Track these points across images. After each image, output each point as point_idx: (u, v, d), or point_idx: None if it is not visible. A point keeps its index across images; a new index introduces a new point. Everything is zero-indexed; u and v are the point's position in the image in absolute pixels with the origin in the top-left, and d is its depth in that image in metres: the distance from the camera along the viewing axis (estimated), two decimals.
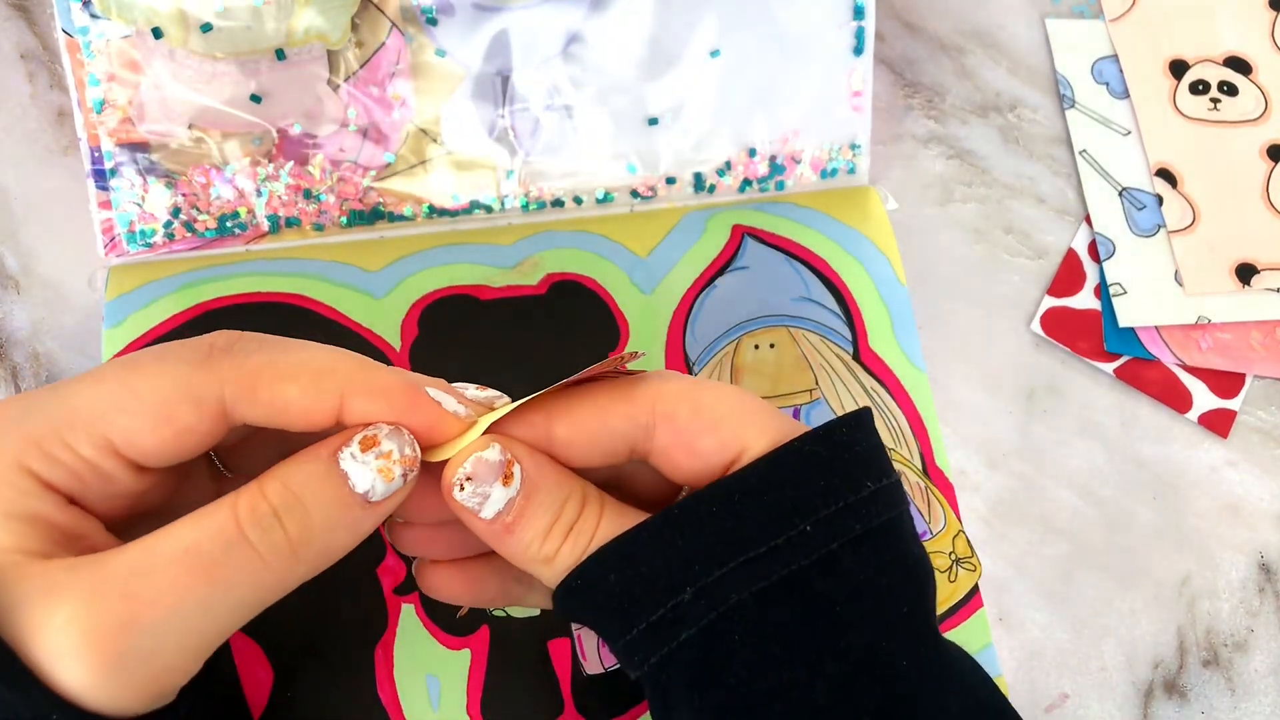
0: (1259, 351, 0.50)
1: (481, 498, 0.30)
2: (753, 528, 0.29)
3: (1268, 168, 0.53)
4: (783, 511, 0.29)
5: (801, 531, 0.29)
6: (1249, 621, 0.46)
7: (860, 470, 0.30)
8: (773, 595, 0.29)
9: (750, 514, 0.29)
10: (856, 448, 0.31)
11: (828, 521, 0.29)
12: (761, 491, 0.30)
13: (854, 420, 0.31)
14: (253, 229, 0.46)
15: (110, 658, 0.25)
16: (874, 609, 0.29)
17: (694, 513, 0.29)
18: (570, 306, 0.46)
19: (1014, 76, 0.55)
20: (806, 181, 0.50)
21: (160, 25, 0.43)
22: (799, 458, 0.30)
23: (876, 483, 0.30)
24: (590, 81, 0.47)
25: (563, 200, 0.48)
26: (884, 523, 0.30)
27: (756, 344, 0.46)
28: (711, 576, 0.29)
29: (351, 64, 0.46)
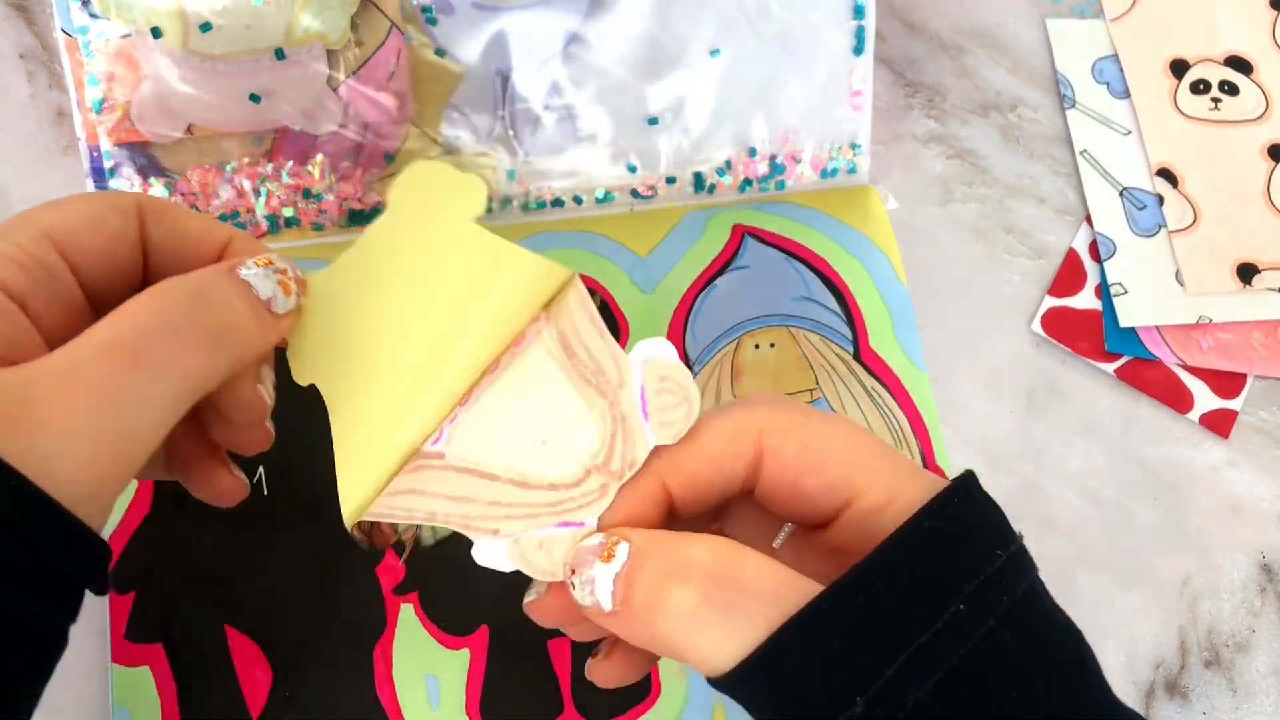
0: (1260, 351, 0.50)
1: (591, 585, 0.28)
2: (908, 615, 0.26)
3: (1269, 167, 0.53)
4: (931, 591, 0.27)
5: (955, 613, 0.26)
6: (1250, 622, 0.46)
7: (986, 539, 0.28)
8: (946, 691, 0.26)
9: (901, 600, 0.27)
10: (982, 510, 0.29)
11: (976, 598, 0.27)
12: (905, 572, 0.27)
13: (965, 486, 0.29)
14: (252, 229, 0.46)
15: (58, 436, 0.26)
16: (1047, 686, 0.27)
17: (844, 605, 0.26)
18: None
19: (1014, 76, 0.55)
20: (806, 181, 0.50)
21: (159, 25, 0.43)
22: (926, 532, 0.28)
23: (1006, 549, 0.28)
24: (590, 81, 0.47)
25: (563, 200, 0.48)
26: (1026, 591, 0.28)
27: (757, 343, 0.46)
28: (882, 678, 0.26)
29: (351, 63, 0.46)
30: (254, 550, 0.41)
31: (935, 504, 0.28)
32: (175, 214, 0.31)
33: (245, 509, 0.42)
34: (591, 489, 0.29)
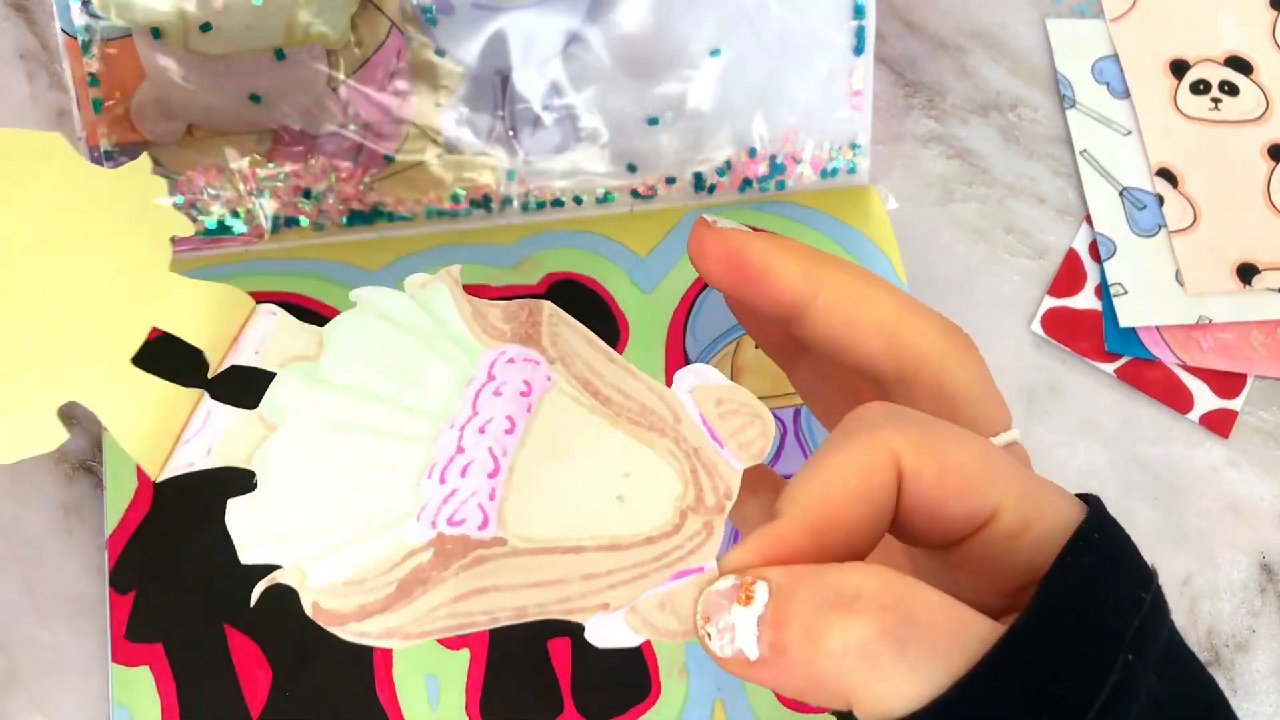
0: (1260, 352, 0.50)
1: (730, 634, 0.24)
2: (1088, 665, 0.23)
3: (1269, 167, 0.53)
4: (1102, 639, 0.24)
5: (1126, 663, 0.23)
6: (1250, 622, 0.46)
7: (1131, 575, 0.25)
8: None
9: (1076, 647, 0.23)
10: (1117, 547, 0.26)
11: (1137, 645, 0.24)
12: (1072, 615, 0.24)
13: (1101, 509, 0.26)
14: (252, 229, 0.46)
15: None
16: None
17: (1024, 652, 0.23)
18: (570, 306, 0.45)
19: (1014, 76, 0.55)
20: (806, 181, 0.50)
21: (160, 25, 0.43)
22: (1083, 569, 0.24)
23: (1147, 590, 0.25)
24: (590, 81, 0.47)
25: (563, 200, 0.48)
26: (1173, 641, 0.25)
27: (757, 343, 0.46)
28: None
29: (351, 63, 0.46)
30: None
31: (1081, 536, 0.25)
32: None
33: None
34: (696, 530, 0.26)
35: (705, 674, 0.41)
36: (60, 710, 0.40)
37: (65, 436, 0.28)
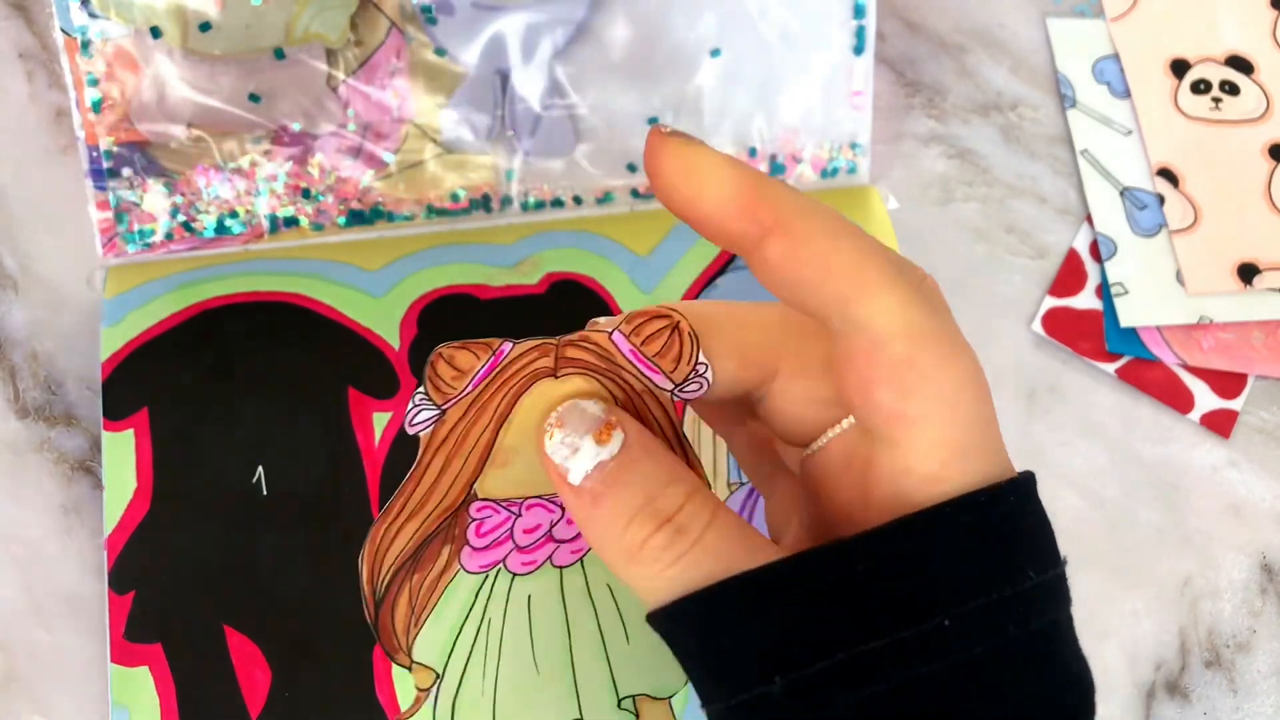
0: (1261, 351, 0.50)
1: (569, 450, 0.26)
2: (874, 612, 0.23)
3: (1269, 167, 0.53)
4: (917, 596, 0.23)
5: (938, 627, 0.23)
6: (1251, 622, 0.46)
7: (1025, 555, 0.24)
8: (882, 706, 0.23)
9: (875, 592, 0.23)
10: (1023, 523, 0.25)
11: (974, 617, 0.23)
12: (895, 564, 0.23)
13: (1021, 486, 0.25)
14: (251, 229, 0.46)
15: None
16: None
17: (806, 575, 0.24)
18: (570, 306, 0.46)
19: (1015, 76, 0.55)
20: (807, 181, 0.50)
21: (159, 24, 0.43)
22: (954, 527, 0.24)
23: (1041, 573, 0.24)
24: (590, 81, 0.47)
25: (563, 200, 0.48)
26: (1044, 626, 0.24)
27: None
28: (811, 669, 0.23)
29: (350, 63, 0.45)
30: (253, 550, 0.41)
31: (968, 502, 0.24)
32: None
33: (245, 509, 0.42)
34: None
35: None
36: (59, 710, 0.40)
37: None
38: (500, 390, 0.31)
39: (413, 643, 0.32)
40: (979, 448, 0.24)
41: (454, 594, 0.32)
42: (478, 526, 0.32)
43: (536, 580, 0.33)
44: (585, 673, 0.33)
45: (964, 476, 0.24)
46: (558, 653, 0.33)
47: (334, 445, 0.43)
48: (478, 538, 0.32)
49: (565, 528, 0.32)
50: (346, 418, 0.43)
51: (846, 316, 0.24)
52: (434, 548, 0.31)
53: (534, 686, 0.33)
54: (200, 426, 0.42)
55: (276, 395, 0.43)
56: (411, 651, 0.32)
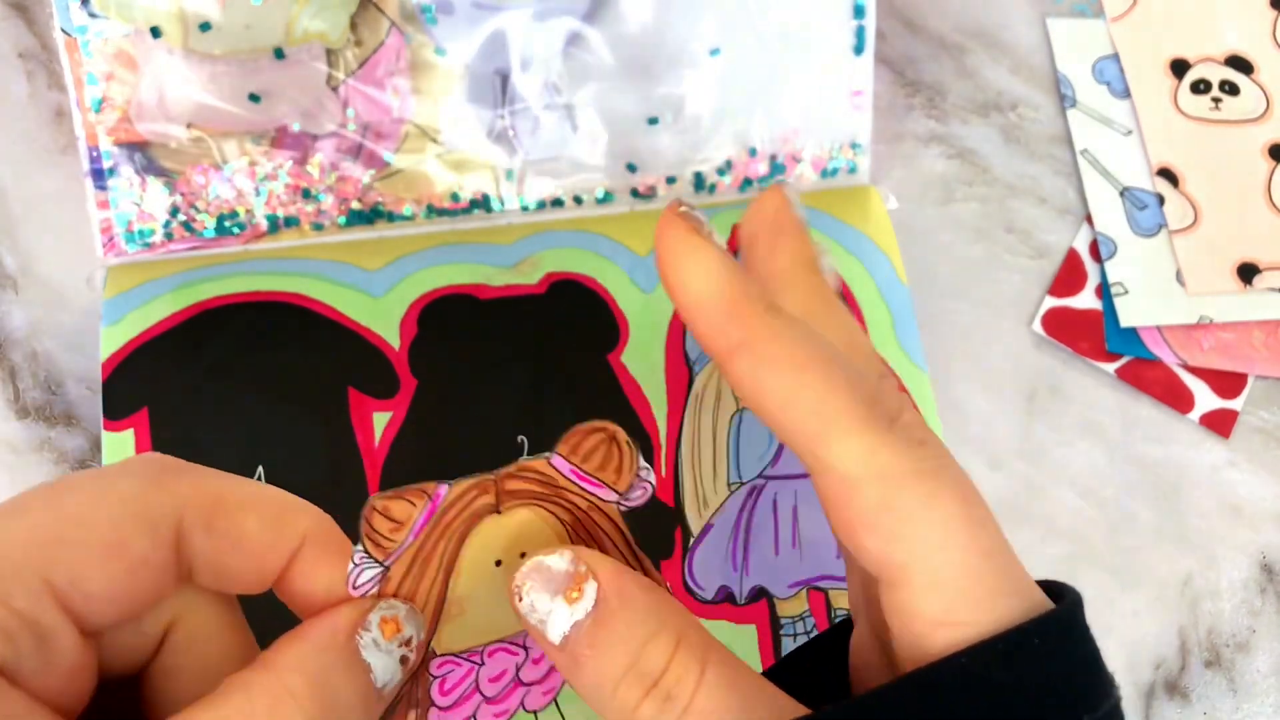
0: (1261, 351, 0.50)
1: (542, 615, 0.23)
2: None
3: (1269, 167, 0.53)
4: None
5: None
6: (1251, 622, 0.46)
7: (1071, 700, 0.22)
8: None
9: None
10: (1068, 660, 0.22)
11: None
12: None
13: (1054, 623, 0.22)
14: (251, 229, 0.46)
15: None
16: None
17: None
18: (570, 306, 0.46)
19: (1015, 76, 0.55)
20: (807, 181, 0.50)
21: (159, 24, 0.43)
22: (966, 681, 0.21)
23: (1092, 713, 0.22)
24: (590, 81, 0.47)
25: (562, 200, 0.48)
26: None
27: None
28: None
29: (350, 63, 0.45)
30: None
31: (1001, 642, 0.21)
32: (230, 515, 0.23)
33: None
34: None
35: None
36: None
37: None
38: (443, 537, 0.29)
39: None
40: (987, 588, 0.22)
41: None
42: (440, 684, 0.30)
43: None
44: None
45: (976, 620, 0.22)
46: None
47: (334, 445, 0.43)
48: (442, 696, 0.30)
49: (532, 668, 0.30)
50: (346, 418, 0.43)
51: (814, 455, 0.23)
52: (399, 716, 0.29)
53: None
54: (200, 426, 0.42)
55: (276, 395, 0.43)
56: None
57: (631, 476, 0.28)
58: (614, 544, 0.29)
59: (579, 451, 0.29)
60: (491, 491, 0.29)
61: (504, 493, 0.29)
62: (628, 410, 0.44)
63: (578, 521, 0.29)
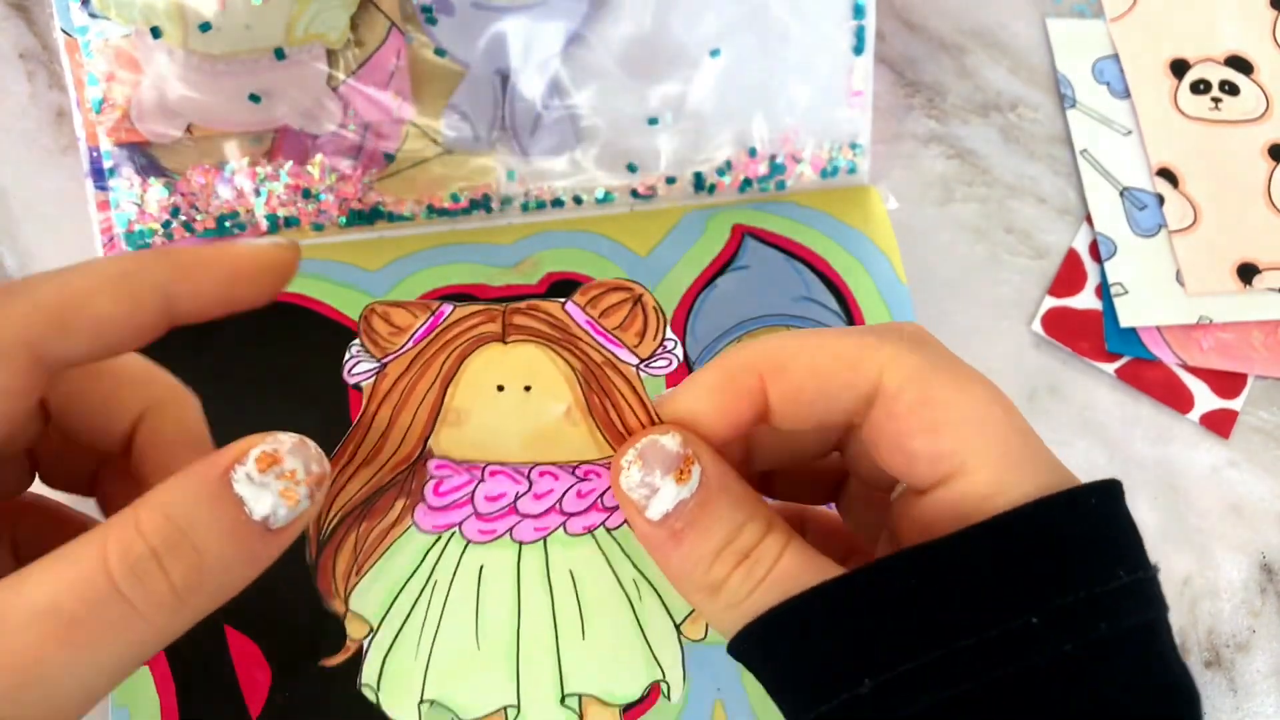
0: (1260, 351, 0.50)
1: (649, 490, 0.26)
2: (960, 613, 0.23)
3: (1269, 167, 0.53)
4: (1004, 596, 0.23)
5: (1026, 624, 0.23)
6: (1250, 622, 0.46)
7: (1114, 555, 0.24)
8: (973, 705, 0.23)
9: (960, 595, 0.23)
10: (1110, 525, 0.24)
11: (1063, 615, 0.23)
12: (979, 566, 0.23)
13: (1106, 490, 0.25)
14: (251, 229, 0.46)
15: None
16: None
17: (889, 582, 0.24)
18: None
19: (1015, 76, 0.55)
20: (807, 181, 0.50)
21: (159, 24, 0.43)
22: (1033, 527, 0.24)
23: (1132, 573, 0.24)
24: (590, 81, 0.47)
25: (562, 200, 0.48)
26: (1138, 625, 0.23)
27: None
28: (896, 670, 0.23)
29: (351, 63, 0.45)
30: None
31: (1045, 504, 0.24)
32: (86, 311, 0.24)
33: None
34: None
35: (705, 675, 0.41)
36: None
37: None
38: (443, 350, 0.31)
39: (350, 590, 0.31)
40: (1028, 458, 0.25)
41: (402, 549, 0.31)
42: (436, 485, 0.31)
43: (492, 551, 0.32)
44: (530, 660, 0.32)
45: (1023, 485, 0.24)
46: (503, 632, 0.32)
47: (334, 445, 0.43)
48: (435, 496, 0.31)
49: (532, 502, 0.31)
50: (346, 418, 0.43)
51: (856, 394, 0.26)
52: (387, 499, 0.30)
53: (472, 662, 0.32)
54: None
55: (276, 395, 0.43)
56: (348, 599, 0.31)
57: (655, 345, 0.30)
58: (629, 404, 0.30)
59: (597, 305, 0.31)
60: (498, 321, 0.31)
61: (510, 324, 0.31)
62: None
63: (589, 372, 0.30)
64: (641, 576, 0.34)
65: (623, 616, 0.33)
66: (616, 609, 0.33)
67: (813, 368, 0.26)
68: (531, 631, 0.32)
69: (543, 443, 0.31)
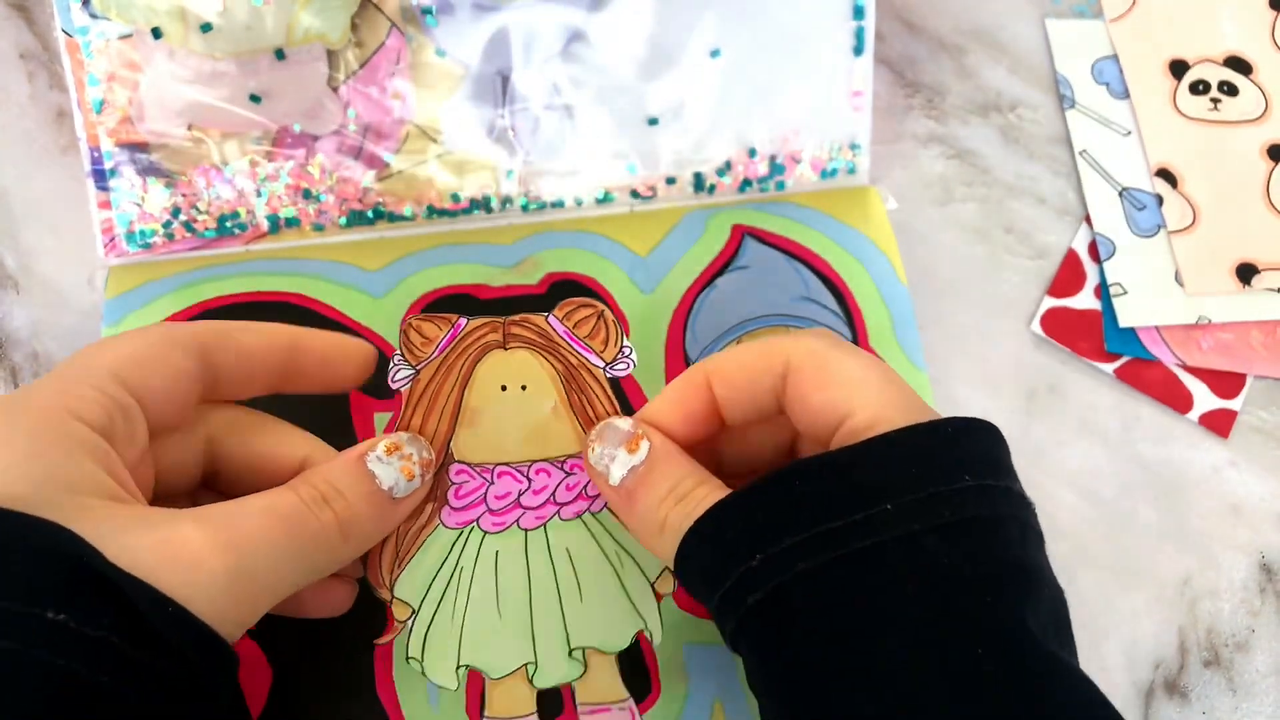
0: (1260, 351, 0.50)
1: (609, 460, 0.35)
2: (831, 504, 0.30)
3: (1268, 167, 0.53)
4: (867, 491, 0.30)
5: (882, 510, 0.29)
6: (1250, 622, 0.46)
7: (962, 465, 0.30)
8: (840, 567, 0.29)
9: (832, 490, 0.30)
10: (962, 444, 0.31)
11: (914, 504, 0.29)
12: (849, 470, 0.30)
13: (968, 422, 0.31)
14: (252, 229, 0.46)
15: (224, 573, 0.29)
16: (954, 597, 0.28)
17: (777, 487, 0.31)
18: None
19: (1014, 76, 0.55)
20: (806, 181, 0.50)
21: (160, 25, 0.43)
22: (894, 445, 0.30)
23: (980, 480, 0.30)
24: (590, 81, 0.47)
25: (563, 200, 0.48)
26: (980, 517, 0.30)
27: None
28: (780, 545, 0.30)
29: (351, 64, 0.46)
30: None
31: (909, 429, 0.31)
32: (235, 337, 0.34)
33: None
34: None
35: (705, 675, 0.41)
36: None
37: None
38: (460, 357, 0.40)
39: (394, 581, 0.38)
40: (903, 405, 0.32)
41: (433, 544, 0.39)
42: (456, 490, 0.39)
43: (504, 539, 0.39)
44: (542, 622, 0.38)
45: (895, 421, 0.31)
46: (519, 602, 0.39)
47: (335, 446, 0.43)
48: (456, 499, 0.39)
49: (532, 497, 0.39)
50: (347, 419, 0.43)
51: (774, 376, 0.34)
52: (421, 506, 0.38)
53: (496, 629, 0.38)
54: None
55: (277, 396, 0.43)
56: (393, 588, 0.38)
57: (616, 350, 0.41)
58: (599, 399, 0.40)
59: (571, 318, 0.41)
60: (500, 331, 0.41)
61: (510, 334, 0.41)
62: (629, 412, 0.44)
63: (569, 373, 0.40)
64: (622, 549, 0.40)
65: (610, 581, 0.39)
66: (604, 576, 0.39)
67: (740, 363, 0.35)
68: (541, 600, 0.39)
69: (537, 439, 0.40)
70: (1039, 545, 0.31)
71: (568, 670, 0.39)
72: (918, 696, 0.27)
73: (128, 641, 0.27)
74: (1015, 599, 0.29)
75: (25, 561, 0.26)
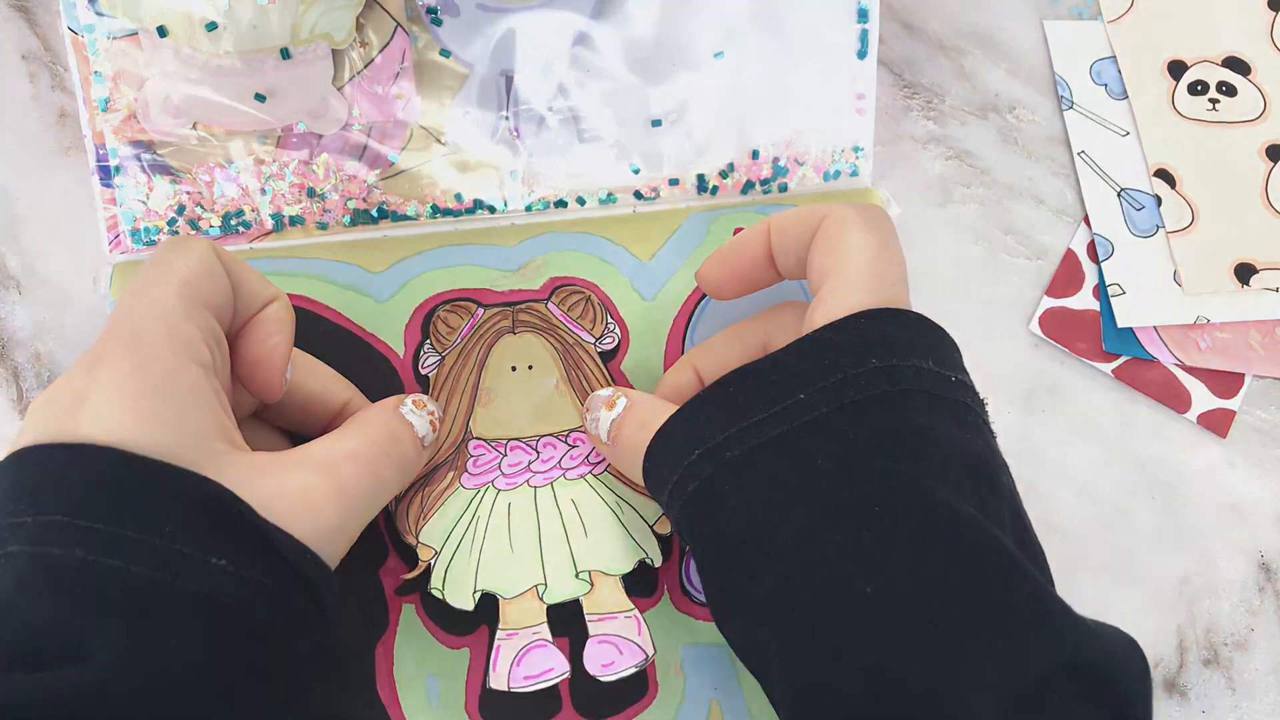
0: (1258, 351, 0.50)
1: (595, 422, 0.40)
2: (756, 399, 0.34)
3: (1266, 168, 0.53)
4: (787, 384, 0.34)
5: (797, 400, 0.33)
6: (1249, 621, 0.46)
7: (868, 350, 0.34)
8: (763, 451, 0.33)
9: (759, 389, 0.34)
10: (871, 333, 0.34)
11: (823, 391, 0.33)
12: (773, 371, 0.34)
13: (884, 312, 0.35)
14: (257, 227, 0.46)
15: (337, 516, 0.33)
16: (856, 464, 0.32)
17: (717, 389, 0.35)
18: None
19: (1013, 77, 0.55)
20: (809, 183, 0.50)
21: (165, 23, 0.43)
22: (815, 342, 0.34)
23: (885, 361, 0.33)
24: (594, 82, 0.47)
25: (566, 201, 0.48)
26: (883, 394, 0.33)
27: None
28: (714, 440, 0.34)
29: (356, 63, 0.46)
30: None
31: (831, 325, 0.34)
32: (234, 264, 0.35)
33: None
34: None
35: (702, 674, 0.41)
36: None
37: None
38: (478, 342, 0.45)
39: (420, 529, 0.42)
40: (873, 289, 0.35)
41: (453, 501, 0.43)
42: (474, 461, 0.43)
43: (516, 494, 0.43)
44: (550, 553, 0.42)
45: (849, 301, 0.35)
46: (529, 537, 0.42)
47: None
48: (474, 468, 0.43)
49: (540, 464, 0.43)
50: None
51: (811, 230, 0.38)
52: (442, 472, 0.43)
53: (508, 560, 0.42)
54: None
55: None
56: (419, 536, 0.42)
57: (602, 327, 0.45)
58: (591, 372, 0.45)
59: (566, 303, 0.45)
60: (509, 318, 0.45)
61: (518, 321, 0.45)
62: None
63: (567, 351, 0.45)
64: (622, 500, 0.43)
65: (612, 523, 0.43)
66: (607, 518, 0.43)
67: (796, 215, 0.38)
68: (549, 537, 0.42)
69: (544, 415, 0.44)
70: (949, 412, 0.34)
71: (575, 588, 0.42)
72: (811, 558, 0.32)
73: (275, 583, 0.31)
74: (913, 458, 0.32)
75: (189, 512, 0.30)
